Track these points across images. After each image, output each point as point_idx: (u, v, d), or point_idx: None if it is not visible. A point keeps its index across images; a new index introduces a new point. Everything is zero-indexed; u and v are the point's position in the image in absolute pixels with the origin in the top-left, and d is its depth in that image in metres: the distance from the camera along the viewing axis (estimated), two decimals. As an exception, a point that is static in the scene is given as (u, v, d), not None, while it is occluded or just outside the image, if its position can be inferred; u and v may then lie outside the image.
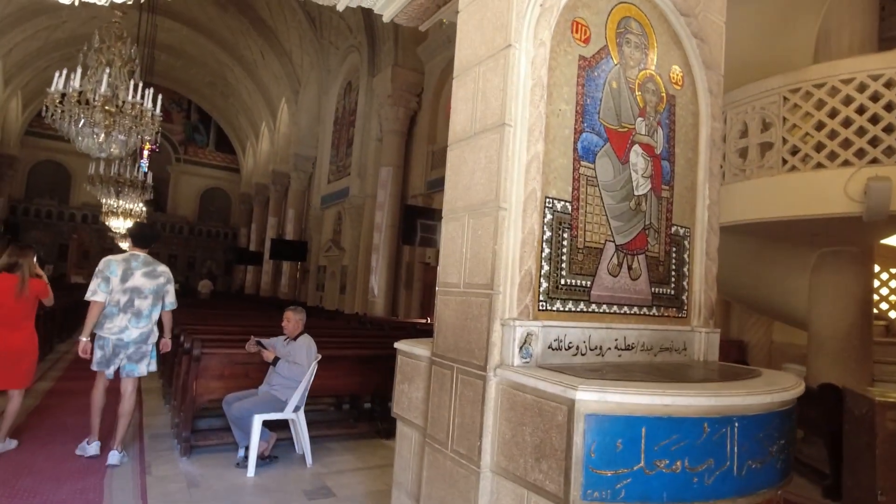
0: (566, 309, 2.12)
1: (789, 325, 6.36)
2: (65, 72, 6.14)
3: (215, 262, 32.37)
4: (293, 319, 4.26)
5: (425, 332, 10.56)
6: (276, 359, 4.01)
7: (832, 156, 4.32)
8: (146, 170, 16.80)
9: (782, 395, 1.84)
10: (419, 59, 16.67)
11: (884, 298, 6.46)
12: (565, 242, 2.11)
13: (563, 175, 2.11)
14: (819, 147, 4.39)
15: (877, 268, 5.89)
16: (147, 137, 7.06)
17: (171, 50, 25.29)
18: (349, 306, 17.86)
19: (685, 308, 2.56)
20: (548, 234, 2.05)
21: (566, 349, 2.08)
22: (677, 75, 2.54)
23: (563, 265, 2.11)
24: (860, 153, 4.18)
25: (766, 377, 2.10)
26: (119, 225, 17.62)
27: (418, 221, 13.85)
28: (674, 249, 2.52)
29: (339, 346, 5.27)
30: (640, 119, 2.38)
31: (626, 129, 2.33)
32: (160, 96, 7.08)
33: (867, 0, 5.25)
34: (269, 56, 24.22)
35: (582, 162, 2.17)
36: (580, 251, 2.16)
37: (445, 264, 2.21)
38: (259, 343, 4.09)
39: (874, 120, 4.19)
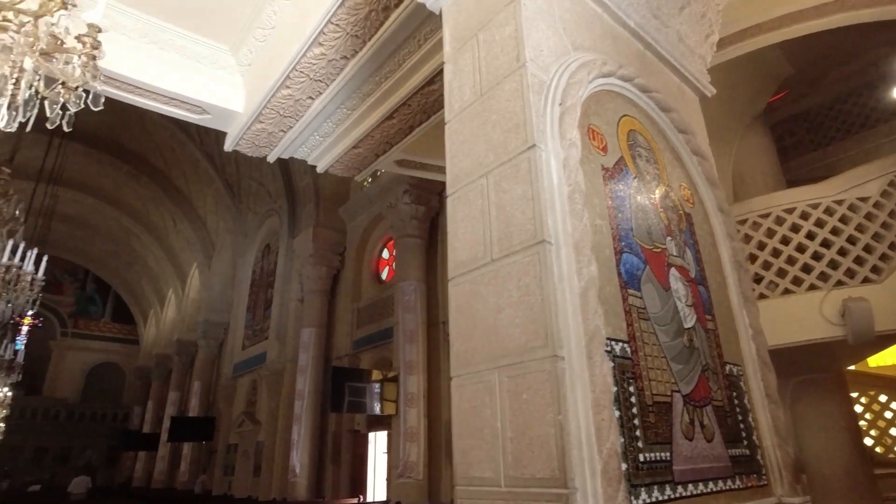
0: (652, 500, 1.44)
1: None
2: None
3: (97, 450, 27.24)
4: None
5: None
6: None
7: (797, 281, 4.29)
8: (21, 347, 14.42)
9: None
10: (340, 220, 16.84)
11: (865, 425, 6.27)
12: (633, 399, 1.51)
13: (613, 307, 1.58)
14: (781, 273, 4.38)
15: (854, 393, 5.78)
16: (21, 303, 5.86)
17: (70, 220, 23.95)
18: (265, 490, 15.17)
19: (763, 472, 1.95)
20: (613, 389, 1.45)
21: (664, 568, 1.35)
22: (687, 193, 2.27)
23: (638, 433, 1.47)
24: (823, 276, 4.19)
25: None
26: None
27: (346, 385, 12.62)
28: (734, 394, 1.99)
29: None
30: (668, 238, 2.00)
31: (660, 250, 1.92)
32: (45, 258, 6.09)
33: (768, 147, 5.87)
34: (182, 223, 23.55)
35: (629, 290, 1.68)
36: (650, 409, 1.56)
37: (465, 449, 1.49)
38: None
39: (826, 244, 4.29)
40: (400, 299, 11.92)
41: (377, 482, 13.70)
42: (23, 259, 5.68)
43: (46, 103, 2.39)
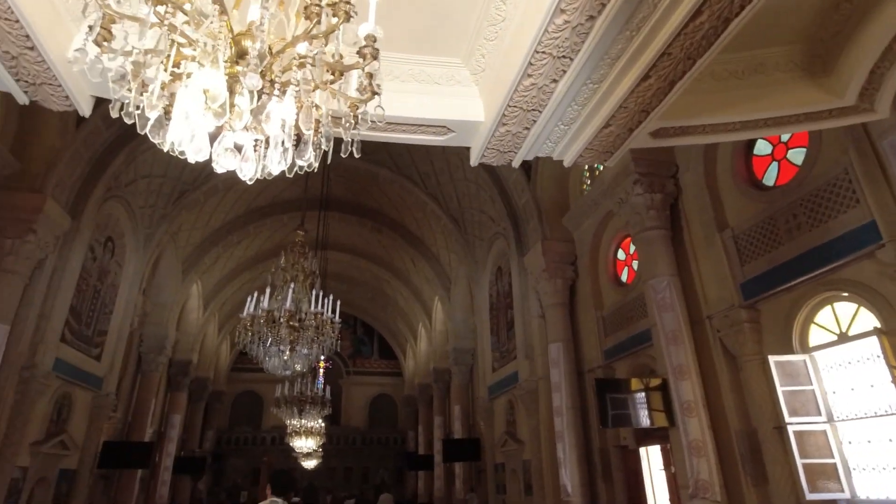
0: None
1: None
2: (255, 295, 6.35)
3: (387, 470, 31.19)
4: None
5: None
6: None
7: None
8: (321, 384, 17.32)
9: None
10: (566, 230, 16.37)
11: None
12: None
13: None
14: None
15: None
16: (328, 345, 6.82)
17: (338, 277, 28.51)
18: (541, 510, 15.03)
19: None
20: None
21: None
22: None
23: None
24: None
25: None
26: (301, 444, 17.73)
27: (608, 397, 11.80)
28: None
29: None
30: None
31: None
32: (338, 302, 7.02)
33: None
34: (420, 262, 25.98)
35: None
36: None
37: None
38: None
39: None
40: (652, 298, 10.73)
41: (658, 502, 12.40)
42: (322, 305, 6.65)
43: (342, 130, 2.41)
